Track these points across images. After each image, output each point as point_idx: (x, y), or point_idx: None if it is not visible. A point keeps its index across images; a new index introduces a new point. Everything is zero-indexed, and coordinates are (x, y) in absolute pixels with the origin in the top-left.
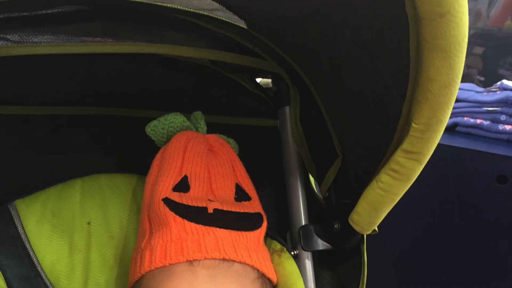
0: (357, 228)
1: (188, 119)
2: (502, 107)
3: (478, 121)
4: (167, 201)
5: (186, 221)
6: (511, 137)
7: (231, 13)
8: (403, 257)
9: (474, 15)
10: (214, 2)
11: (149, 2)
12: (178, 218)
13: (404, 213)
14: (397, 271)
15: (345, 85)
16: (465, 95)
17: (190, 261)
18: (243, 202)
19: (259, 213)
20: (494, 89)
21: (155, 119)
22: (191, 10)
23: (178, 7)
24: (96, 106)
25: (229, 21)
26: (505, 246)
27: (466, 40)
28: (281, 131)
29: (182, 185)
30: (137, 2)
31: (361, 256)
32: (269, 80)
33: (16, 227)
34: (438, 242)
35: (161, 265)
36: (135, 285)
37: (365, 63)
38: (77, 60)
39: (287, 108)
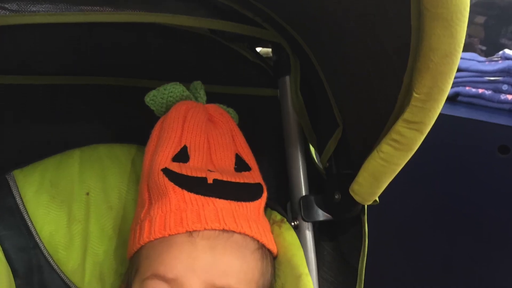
0: (357, 198)
1: (188, 88)
2: (504, 76)
3: (480, 90)
4: (166, 172)
5: (185, 192)
6: None
7: None
8: (404, 227)
9: None
10: None
11: None
12: (177, 188)
13: (405, 183)
14: (398, 241)
15: (345, 55)
16: (466, 64)
17: (190, 232)
18: (243, 172)
19: (259, 184)
20: (496, 59)
21: (154, 89)
22: None
23: None
24: (95, 76)
25: None
26: (506, 215)
27: (467, 9)
28: (281, 100)
29: (182, 155)
30: None
31: (362, 227)
32: (269, 50)
33: (14, 198)
34: (439, 212)
35: (160, 236)
36: (134, 255)
37: (365, 32)
38: (76, 29)
39: (287, 78)
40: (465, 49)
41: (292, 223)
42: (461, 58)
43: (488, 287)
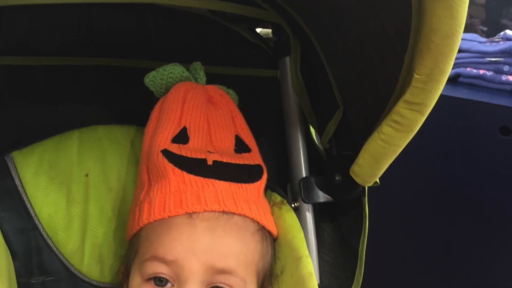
0: (358, 180)
1: (187, 69)
2: (505, 57)
3: (481, 71)
4: (166, 153)
5: (185, 173)
6: None
7: None
8: (405, 209)
9: None
10: None
11: None
12: (177, 170)
13: (406, 165)
14: (399, 223)
15: (346, 35)
16: (467, 45)
17: (189, 213)
18: (243, 153)
19: (259, 165)
20: (497, 39)
21: (154, 69)
22: None
23: None
24: (95, 56)
25: None
26: (507, 196)
27: None
28: (282, 81)
29: (181, 137)
30: None
31: (363, 208)
32: (269, 31)
33: (13, 179)
34: (440, 193)
35: (160, 217)
36: (133, 237)
37: (366, 12)
38: (75, 10)
39: (287, 59)
40: (466, 30)
41: (292, 205)
42: (462, 39)
43: (488, 269)
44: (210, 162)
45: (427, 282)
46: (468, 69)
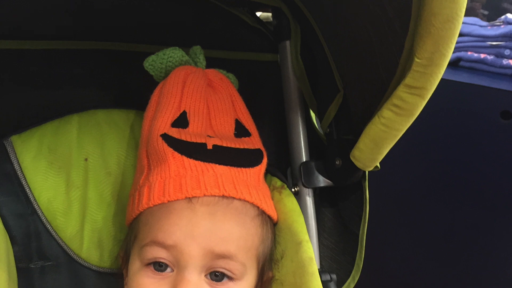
0: (358, 164)
1: (187, 53)
2: (506, 41)
3: (482, 55)
4: (165, 137)
5: (185, 158)
6: None
7: None
8: (405, 193)
9: None
10: None
11: None
12: (176, 154)
13: (406, 149)
14: (399, 207)
15: (347, 19)
16: (468, 29)
17: (189, 198)
18: (242, 138)
19: (259, 149)
20: (498, 23)
21: (153, 53)
22: None
23: None
24: (93, 40)
25: None
26: (509, 181)
27: None
28: (282, 65)
29: (181, 121)
30: None
31: (363, 193)
32: (269, 14)
33: (12, 164)
34: (441, 178)
35: (159, 202)
36: (133, 222)
37: None
38: None
39: (287, 43)
40: (467, 14)
41: (293, 189)
42: (463, 23)
43: (489, 255)
44: (210, 147)
45: (428, 267)
46: (469, 53)
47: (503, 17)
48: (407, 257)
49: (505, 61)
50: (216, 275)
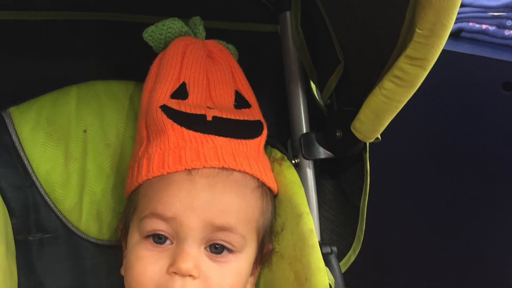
0: (359, 136)
1: (187, 24)
2: (508, 12)
3: (484, 26)
4: (165, 108)
5: (184, 129)
6: None
7: None
8: (406, 165)
9: None
10: None
11: None
12: (176, 125)
13: (407, 121)
14: (400, 179)
15: None
16: None
17: (189, 170)
18: (242, 109)
19: (259, 121)
20: None
21: (152, 24)
22: None
23: None
24: (92, 11)
25: None
26: (510, 152)
27: None
28: (282, 36)
29: (181, 92)
30: None
31: (364, 164)
32: None
33: (10, 135)
34: (442, 149)
35: (158, 174)
36: (132, 194)
37: None
38: None
39: (287, 13)
40: None
41: (293, 161)
42: None
43: (490, 225)
44: (209, 118)
45: (429, 239)
46: (470, 23)
47: None
48: (408, 229)
49: (507, 32)
50: (216, 248)
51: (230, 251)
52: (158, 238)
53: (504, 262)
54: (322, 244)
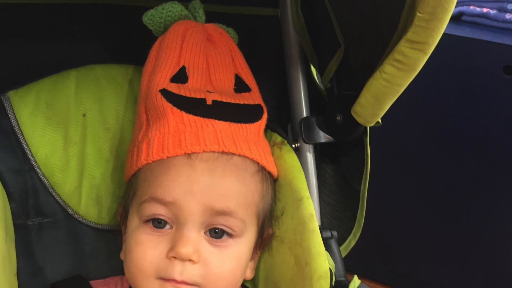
0: (360, 120)
1: (186, 8)
2: None
3: (485, 10)
4: (164, 92)
5: (184, 113)
6: None
7: None
8: (407, 149)
9: None
10: None
11: None
12: (176, 109)
13: (408, 105)
14: (401, 163)
15: None
16: None
17: (188, 154)
18: (242, 93)
19: (259, 105)
20: None
21: (152, 8)
22: None
23: None
24: None
25: None
26: (511, 136)
27: None
28: (282, 20)
29: (180, 76)
30: None
31: (364, 149)
32: None
33: (9, 119)
34: (443, 133)
35: (158, 158)
36: (131, 178)
37: None
38: None
39: None
40: None
41: (293, 145)
42: None
43: (491, 209)
44: (209, 102)
45: (429, 223)
46: (471, 7)
47: None
48: (409, 213)
49: (508, 16)
50: (216, 232)
51: (230, 235)
52: (158, 223)
53: (505, 246)
54: (322, 228)
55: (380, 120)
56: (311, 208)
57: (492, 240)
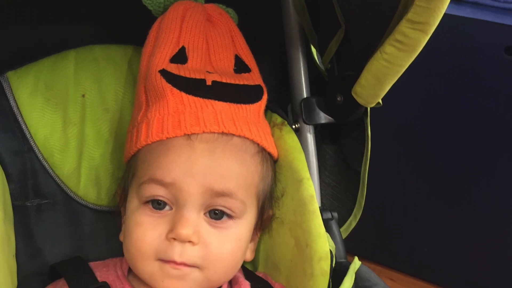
0: (360, 100)
1: None
2: None
3: None
4: (164, 73)
5: (183, 94)
6: None
7: None
8: (408, 130)
9: None
10: None
11: None
12: (175, 90)
13: (409, 85)
14: (402, 144)
15: None
16: None
17: (188, 135)
18: (242, 74)
19: (259, 85)
20: None
21: None
22: None
23: None
24: None
25: None
26: None
27: None
28: (282, 0)
29: (180, 56)
30: None
31: (365, 129)
32: None
33: (8, 100)
34: (444, 114)
35: (157, 139)
36: (131, 159)
37: None
38: None
39: None
40: None
41: (293, 126)
42: None
43: (492, 191)
44: (209, 83)
45: (431, 204)
46: None
47: None
48: (410, 194)
49: None
50: (216, 213)
51: (230, 217)
52: (157, 204)
53: (505, 226)
54: (322, 209)
55: (380, 101)
56: (311, 189)
57: (493, 220)
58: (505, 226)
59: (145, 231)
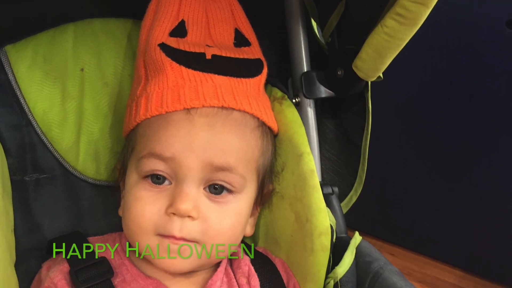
0: (361, 74)
1: None
2: None
3: None
4: (163, 47)
5: (183, 67)
6: None
7: None
8: (409, 105)
9: None
10: None
11: None
12: (174, 64)
13: (410, 59)
14: (403, 119)
15: None
16: None
17: (188, 109)
18: (242, 47)
19: (259, 59)
20: None
21: None
22: None
23: None
24: None
25: None
26: None
27: None
28: None
29: (179, 30)
30: None
31: (366, 104)
32: None
33: (6, 74)
34: (445, 88)
35: (157, 113)
36: (130, 133)
37: None
38: None
39: None
40: None
41: (293, 100)
42: None
43: (493, 167)
44: (209, 56)
45: (432, 179)
46: None
47: None
48: (411, 169)
49: None
50: (215, 188)
51: (229, 191)
52: (157, 178)
53: (506, 202)
54: (323, 184)
55: (381, 75)
56: (311, 163)
57: (494, 196)
58: (506, 201)
59: (144, 206)
